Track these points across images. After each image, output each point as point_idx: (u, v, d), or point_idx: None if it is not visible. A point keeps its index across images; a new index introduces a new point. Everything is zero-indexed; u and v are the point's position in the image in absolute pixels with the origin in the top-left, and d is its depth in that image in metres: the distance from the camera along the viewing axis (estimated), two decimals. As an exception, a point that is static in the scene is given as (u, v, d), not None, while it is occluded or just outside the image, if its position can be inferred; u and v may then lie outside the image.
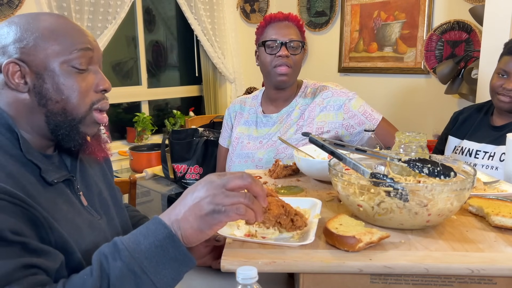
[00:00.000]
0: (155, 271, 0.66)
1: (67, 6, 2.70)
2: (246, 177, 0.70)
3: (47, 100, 0.80)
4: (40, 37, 0.79)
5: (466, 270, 0.69)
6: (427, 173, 0.88)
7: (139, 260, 0.65)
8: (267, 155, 1.50)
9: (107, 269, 0.65)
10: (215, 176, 0.70)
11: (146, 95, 3.51)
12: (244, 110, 1.65)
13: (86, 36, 0.85)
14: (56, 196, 0.79)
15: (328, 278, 0.72)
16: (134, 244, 0.67)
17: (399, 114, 2.86)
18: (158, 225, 0.68)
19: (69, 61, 0.81)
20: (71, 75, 0.81)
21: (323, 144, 0.93)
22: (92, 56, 0.85)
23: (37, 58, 0.79)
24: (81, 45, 0.82)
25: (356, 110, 1.48)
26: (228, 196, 0.68)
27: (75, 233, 0.79)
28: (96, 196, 0.93)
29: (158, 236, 0.67)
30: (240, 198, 0.68)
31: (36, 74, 0.79)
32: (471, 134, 1.57)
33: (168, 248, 0.67)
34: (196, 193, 0.69)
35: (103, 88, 0.86)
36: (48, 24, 0.81)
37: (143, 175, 2.62)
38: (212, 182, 0.69)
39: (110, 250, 0.67)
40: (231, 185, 0.69)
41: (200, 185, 0.70)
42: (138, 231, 0.69)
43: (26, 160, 0.77)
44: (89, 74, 0.85)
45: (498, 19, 1.90)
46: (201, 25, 3.43)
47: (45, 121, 0.82)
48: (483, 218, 0.89)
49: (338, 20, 3.16)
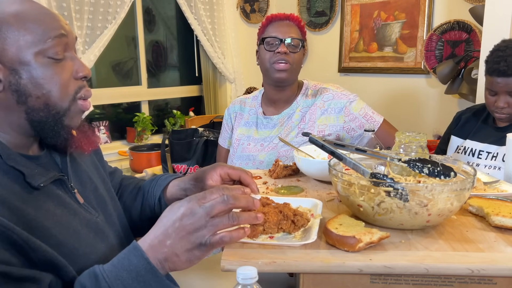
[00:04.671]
0: None
1: (67, 6, 2.70)
2: (228, 199, 0.68)
3: (26, 97, 0.73)
4: (7, 27, 0.71)
5: (466, 270, 0.69)
6: (427, 173, 0.88)
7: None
8: (268, 157, 1.50)
9: None
10: (197, 204, 0.68)
11: (146, 95, 3.51)
12: (244, 111, 1.65)
13: (58, 20, 0.77)
14: (46, 200, 0.75)
15: (328, 278, 0.72)
16: (116, 278, 0.65)
17: (399, 114, 2.86)
18: (139, 258, 0.66)
19: (44, 51, 0.74)
20: (49, 66, 0.74)
21: (323, 144, 0.93)
22: (67, 42, 0.78)
23: (9, 52, 0.71)
24: (54, 31, 0.75)
25: (357, 112, 1.47)
26: (213, 226, 0.67)
27: (71, 238, 0.75)
28: (92, 192, 0.89)
29: (139, 270, 0.65)
30: (224, 222, 0.67)
31: (10, 70, 0.72)
32: (474, 134, 1.57)
33: (150, 283, 0.66)
34: (179, 223, 0.67)
35: (83, 75, 0.80)
36: (14, 11, 0.73)
37: (143, 175, 2.62)
38: (195, 213, 0.67)
39: (91, 283, 0.65)
40: (215, 211, 0.68)
41: (180, 213, 0.68)
42: (120, 262, 0.67)
43: (8, 167, 0.72)
44: (67, 61, 0.78)
45: (498, 19, 1.90)
46: (201, 25, 3.43)
47: (25, 119, 0.75)
48: (483, 218, 0.88)
49: (338, 20, 3.16)
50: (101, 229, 0.85)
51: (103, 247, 0.82)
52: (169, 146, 2.32)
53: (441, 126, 2.59)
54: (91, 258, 0.78)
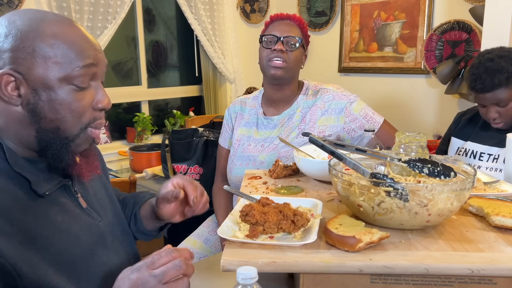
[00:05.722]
0: None
1: (67, 6, 2.70)
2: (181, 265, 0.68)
3: (40, 118, 0.74)
4: (41, 47, 0.72)
5: (466, 270, 0.69)
6: (427, 173, 0.88)
7: None
8: (268, 158, 1.49)
9: None
10: (147, 273, 0.67)
11: (146, 95, 3.51)
12: (244, 111, 1.64)
13: (92, 48, 0.77)
14: (48, 207, 0.75)
15: (328, 278, 0.72)
16: None
17: (399, 114, 2.86)
18: None
19: (70, 78, 0.74)
20: (70, 93, 0.74)
21: (323, 144, 0.93)
22: (95, 72, 0.78)
23: (35, 72, 0.72)
24: (84, 60, 0.75)
25: (357, 113, 1.47)
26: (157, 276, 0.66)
27: (71, 245, 0.76)
28: (94, 197, 0.90)
29: None
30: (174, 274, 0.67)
31: (32, 89, 0.72)
32: (475, 135, 1.56)
33: None
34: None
35: (102, 107, 0.80)
36: (52, 32, 0.73)
37: (143, 175, 2.62)
38: (147, 283, 0.66)
39: None
40: (167, 278, 0.67)
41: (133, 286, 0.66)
42: None
43: (14, 173, 0.72)
44: (90, 90, 0.78)
45: (498, 19, 1.89)
46: (201, 25, 3.43)
47: (35, 137, 0.75)
48: (483, 218, 0.88)
49: (338, 20, 3.16)
50: (102, 233, 0.86)
51: (101, 252, 0.83)
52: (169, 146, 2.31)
53: (441, 126, 2.59)
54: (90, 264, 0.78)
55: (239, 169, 1.54)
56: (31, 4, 2.67)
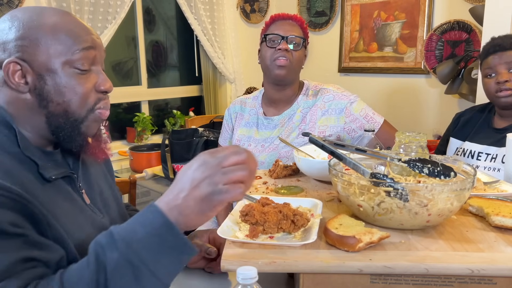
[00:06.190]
0: (153, 261, 0.63)
1: (67, 6, 2.70)
2: (241, 152, 0.67)
3: (48, 102, 0.79)
4: (42, 35, 0.78)
5: (466, 270, 0.69)
6: (427, 173, 0.88)
7: (136, 250, 0.62)
8: (269, 158, 1.49)
9: (104, 261, 0.63)
10: (209, 155, 0.67)
11: (146, 95, 3.51)
12: (244, 111, 1.64)
13: (89, 34, 0.83)
14: (55, 193, 0.78)
15: (328, 278, 0.72)
16: (131, 233, 0.64)
17: (399, 114, 2.86)
18: (155, 213, 0.65)
19: (71, 62, 0.79)
20: (73, 76, 0.80)
21: (323, 144, 0.93)
22: (95, 55, 0.83)
23: (39, 58, 0.77)
24: (84, 44, 0.80)
25: (358, 113, 1.47)
26: (226, 174, 0.65)
27: (76, 232, 0.78)
28: (98, 195, 0.93)
29: (155, 224, 0.64)
30: (238, 172, 0.65)
31: (37, 75, 0.78)
32: (473, 135, 1.56)
33: (166, 237, 0.64)
34: (192, 175, 0.65)
35: (104, 89, 0.85)
36: (52, 22, 0.79)
37: (143, 175, 2.62)
38: (207, 162, 0.65)
39: (106, 240, 0.64)
40: (228, 162, 0.66)
41: (194, 166, 0.66)
42: (135, 219, 0.66)
43: (24, 157, 0.76)
44: (91, 74, 0.83)
45: (498, 19, 1.90)
46: (201, 25, 3.43)
47: (45, 122, 0.80)
48: (483, 218, 0.88)
49: (338, 20, 3.16)
50: (106, 229, 0.86)
51: None
52: (169, 146, 2.32)
53: (441, 126, 2.59)
54: None
55: (239, 169, 1.54)
56: (31, 4, 2.67)
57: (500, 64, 1.44)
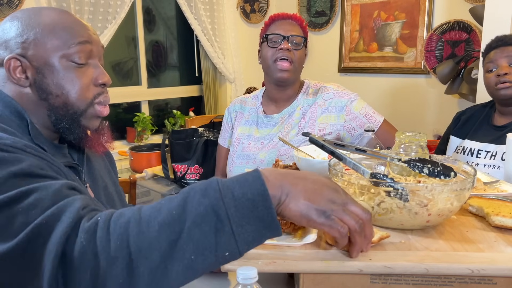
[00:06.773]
0: (238, 222, 0.60)
1: (67, 6, 2.70)
2: (368, 212, 0.68)
3: (47, 95, 0.83)
4: (40, 32, 0.81)
5: (466, 270, 0.69)
6: (427, 173, 0.88)
7: (227, 205, 0.60)
8: (268, 156, 1.50)
9: (192, 202, 0.60)
10: (343, 190, 0.69)
11: (146, 95, 3.51)
12: (244, 110, 1.65)
13: (85, 29, 0.86)
14: None
15: (328, 278, 0.72)
16: (228, 189, 0.61)
17: (399, 114, 2.86)
18: (256, 179, 0.62)
19: (68, 55, 0.82)
20: (71, 70, 0.83)
21: (323, 144, 0.93)
22: (91, 49, 0.86)
23: (38, 53, 0.81)
24: (79, 38, 0.84)
25: (358, 112, 1.47)
26: (344, 212, 0.65)
27: None
28: (102, 190, 0.95)
29: (253, 189, 0.61)
30: (352, 221, 0.65)
31: (36, 69, 0.81)
32: (473, 133, 1.57)
33: (258, 206, 0.61)
34: (320, 186, 0.66)
35: (102, 82, 0.88)
36: (49, 19, 0.83)
37: (143, 175, 2.62)
38: (339, 192, 0.67)
39: (200, 187, 0.62)
40: (352, 209, 0.67)
41: (327, 184, 0.67)
42: (236, 178, 0.64)
43: (34, 144, 0.79)
44: (89, 68, 0.86)
45: (498, 19, 1.90)
46: (201, 25, 3.43)
47: (47, 115, 0.84)
48: (483, 218, 0.88)
49: (338, 20, 3.16)
50: None
51: None
52: (169, 146, 2.32)
53: (441, 126, 2.59)
54: None
55: (239, 168, 1.54)
56: (31, 4, 2.67)
57: (501, 58, 1.46)
